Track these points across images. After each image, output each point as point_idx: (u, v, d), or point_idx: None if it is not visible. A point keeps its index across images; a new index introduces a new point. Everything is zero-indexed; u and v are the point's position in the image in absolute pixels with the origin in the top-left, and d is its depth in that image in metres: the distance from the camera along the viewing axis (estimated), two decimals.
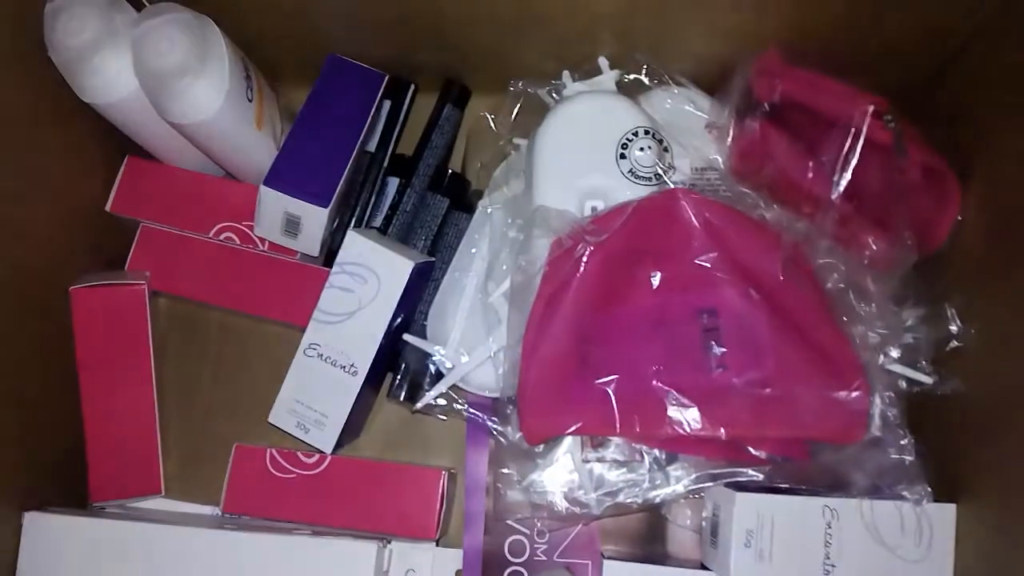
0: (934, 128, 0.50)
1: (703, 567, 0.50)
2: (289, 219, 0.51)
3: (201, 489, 0.55)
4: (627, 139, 0.51)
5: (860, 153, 0.45)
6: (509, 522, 0.53)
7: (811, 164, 0.46)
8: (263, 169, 0.50)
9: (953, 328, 0.48)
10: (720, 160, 0.52)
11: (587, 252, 0.47)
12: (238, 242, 0.55)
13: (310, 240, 0.53)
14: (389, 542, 0.50)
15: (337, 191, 0.50)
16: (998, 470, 0.46)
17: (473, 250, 0.55)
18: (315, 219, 0.50)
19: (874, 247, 0.46)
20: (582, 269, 0.48)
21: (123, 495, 0.52)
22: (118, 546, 0.47)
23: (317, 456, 0.53)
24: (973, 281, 0.49)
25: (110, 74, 0.46)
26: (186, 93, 0.46)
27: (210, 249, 0.55)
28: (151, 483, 0.53)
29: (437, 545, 0.53)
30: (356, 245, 0.51)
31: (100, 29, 0.45)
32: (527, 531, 0.53)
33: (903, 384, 0.49)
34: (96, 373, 0.52)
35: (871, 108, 0.45)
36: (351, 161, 0.52)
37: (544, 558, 0.53)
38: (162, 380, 0.56)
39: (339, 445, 0.52)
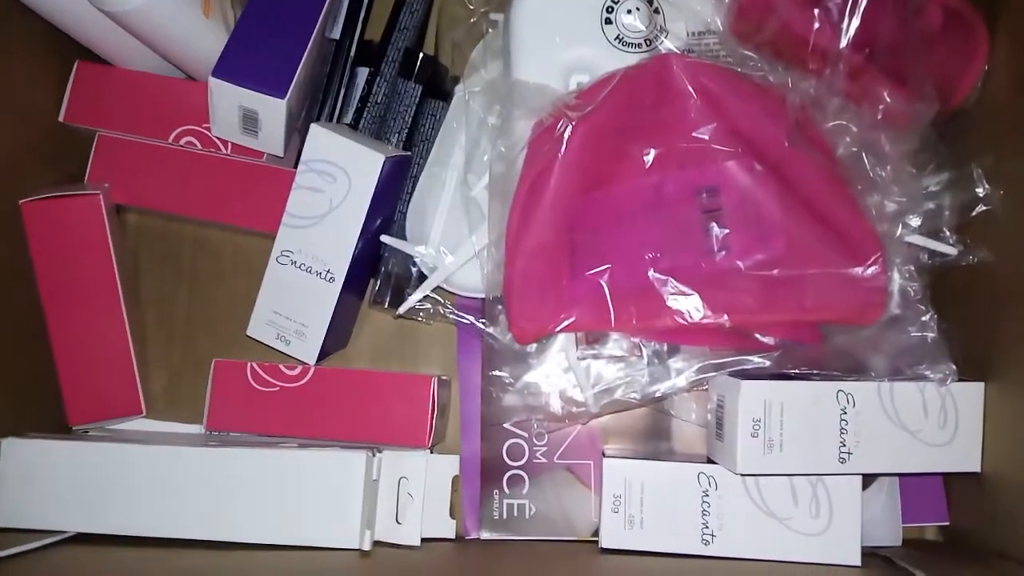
0: None
1: (710, 462, 0.47)
2: (246, 114, 0.47)
3: (185, 408, 0.53)
4: (612, 1, 0.46)
5: None
6: (506, 426, 0.51)
7: (817, 12, 0.41)
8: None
9: (979, 191, 0.44)
10: (719, 21, 0.47)
11: (569, 128, 0.43)
12: (199, 146, 0.52)
13: (273, 138, 0.49)
14: (380, 451, 0.48)
15: (295, 80, 0.46)
16: None
17: (451, 141, 0.51)
18: (274, 112, 0.46)
19: (889, 101, 0.41)
20: (564, 148, 0.43)
21: (102, 416, 0.50)
22: (100, 468, 0.46)
23: (300, 368, 0.50)
24: (1002, 138, 0.44)
25: None
26: None
27: (171, 156, 0.51)
28: (131, 404, 0.51)
29: (432, 453, 0.50)
30: (320, 140, 0.47)
31: None
32: (525, 434, 0.51)
33: (924, 257, 0.45)
34: (59, 292, 0.49)
35: None
36: (310, 47, 0.47)
37: (544, 460, 0.50)
38: (138, 299, 0.54)
39: (324, 355, 0.49)
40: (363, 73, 0.53)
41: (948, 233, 0.45)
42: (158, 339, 0.55)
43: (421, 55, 0.51)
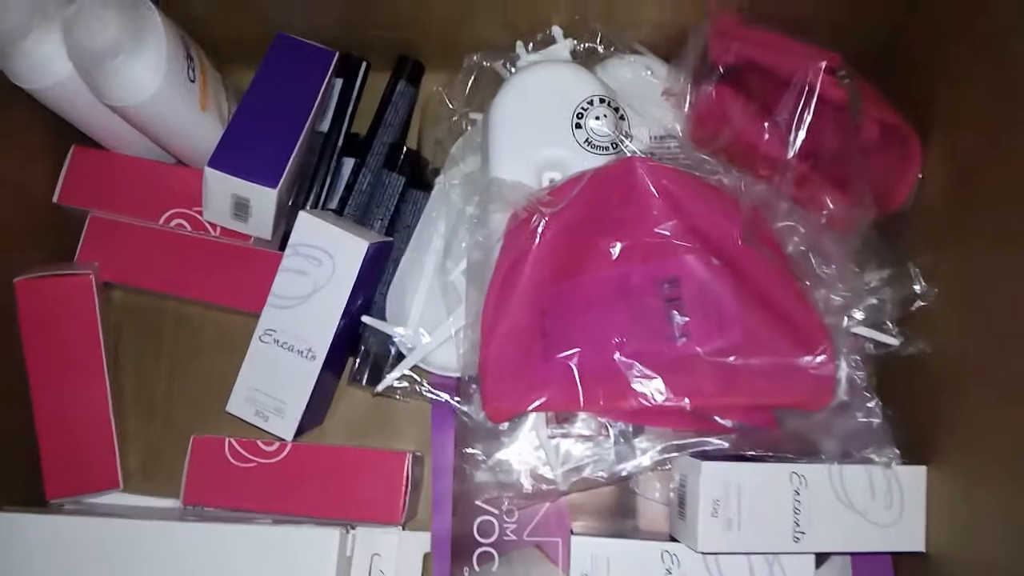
0: (893, 85, 0.49)
1: (673, 540, 0.49)
2: (238, 202, 0.50)
3: (162, 483, 0.53)
4: (582, 108, 0.50)
5: (815, 111, 0.44)
6: (477, 503, 0.52)
7: (767, 125, 0.45)
8: (211, 153, 0.49)
9: (917, 288, 0.47)
10: (678, 127, 0.51)
11: (542, 223, 0.46)
12: (189, 228, 0.54)
13: (261, 223, 0.51)
14: (353, 527, 0.49)
15: (286, 171, 0.49)
16: (967, 430, 0.45)
17: (431, 229, 0.54)
18: (264, 201, 0.49)
19: (832, 206, 0.45)
20: (538, 240, 0.47)
21: (80, 490, 0.51)
22: (76, 543, 0.46)
23: (277, 444, 0.52)
24: (936, 239, 0.48)
25: (42, 57, 0.45)
26: (121, 73, 0.44)
27: (161, 237, 0.54)
28: (109, 478, 0.52)
29: (404, 529, 0.52)
30: (308, 226, 0.50)
31: (29, 10, 0.44)
32: (495, 511, 0.52)
33: (869, 347, 0.48)
34: (46, 367, 0.50)
35: (824, 64, 0.44)
36: (300, 141, 0.50)
37: (514, 537, 0.52)
38: (118, 374, 0.55)
39: (301, 432, 0.51)
40: (349, 163, 0.56)
41: (891, 325, 0.48)
42: (137, 413, 0.56)
43: (405, 149, 0.55)
